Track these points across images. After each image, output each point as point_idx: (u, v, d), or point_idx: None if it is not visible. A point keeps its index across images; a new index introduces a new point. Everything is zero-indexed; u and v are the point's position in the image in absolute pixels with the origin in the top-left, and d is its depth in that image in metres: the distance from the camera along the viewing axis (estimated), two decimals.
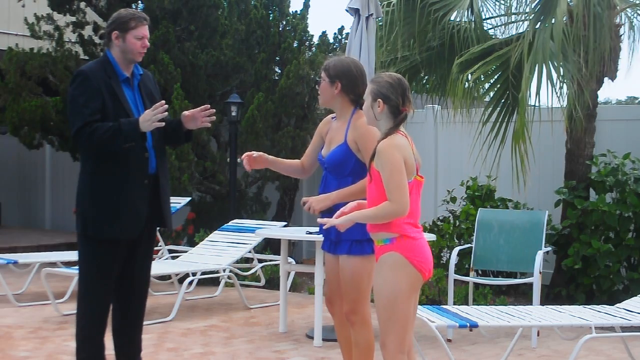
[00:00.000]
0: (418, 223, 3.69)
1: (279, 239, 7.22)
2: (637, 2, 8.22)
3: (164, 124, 4.27)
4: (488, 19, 8.55)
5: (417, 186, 3.67)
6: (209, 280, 8.69)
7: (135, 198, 4.31)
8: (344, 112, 4.37)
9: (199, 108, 4.41)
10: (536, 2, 7.96)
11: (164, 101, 4.26)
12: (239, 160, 9.98)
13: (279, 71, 10.73)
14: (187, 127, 4.47)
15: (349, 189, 4.24)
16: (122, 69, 4.35)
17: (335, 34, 10.82)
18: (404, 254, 3.57)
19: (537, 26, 7.59)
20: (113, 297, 4.43)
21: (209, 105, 4.44)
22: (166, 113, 4.23)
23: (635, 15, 8.23)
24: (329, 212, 4.19)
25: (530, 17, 7.97)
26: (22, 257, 8.26)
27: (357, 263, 4.20)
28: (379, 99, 3.66)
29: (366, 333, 4.27)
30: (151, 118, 4.19)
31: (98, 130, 4.16)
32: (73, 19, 11.05)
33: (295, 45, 10.55)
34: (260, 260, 8.43)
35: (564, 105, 7.41)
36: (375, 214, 3.56)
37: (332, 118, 4.53)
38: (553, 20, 7.34)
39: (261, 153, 4.49)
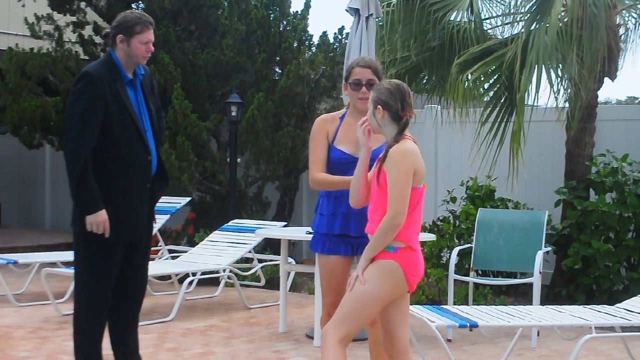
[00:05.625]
0: (419, 230, 3.70)
1: (279, 239, 7.22)
2: (636, 2, 8.21)
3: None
4: (487, 19, 8.55)
5: (422, 193, 3.67)
6: (209, 280, 8.68)
7: (137, 201, 4.30)
8: None
9: None
10: (532, 2, 7.96)
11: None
12: (239, 160, 10.06)
13: (279, 71, 10.73)
14: None
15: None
16: (126, 70, 4.32)
17: (335, 34, 10.80)
18: (403, 266, 3.57)
19: (533, 27, 7.58)
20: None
21: None
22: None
23: (631, 15, 8.22)
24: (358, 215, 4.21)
25: (526, 18, 7.97)
26: (22, 257, 8.25)
27: None
28: (379, 106, 3.66)
29: None
30: (99, 228, 4.15)
31: (88, 171, 4.10)
32: (73, 18, 11.05)
33: (295, 45, 10.55)
34: (260, 260, 8.43)
35: (561, 106, 7.42)
36: (379, 240, 3.56)
37: (340, 117, 4.45)
38: (548, 21, 7.33)
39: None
